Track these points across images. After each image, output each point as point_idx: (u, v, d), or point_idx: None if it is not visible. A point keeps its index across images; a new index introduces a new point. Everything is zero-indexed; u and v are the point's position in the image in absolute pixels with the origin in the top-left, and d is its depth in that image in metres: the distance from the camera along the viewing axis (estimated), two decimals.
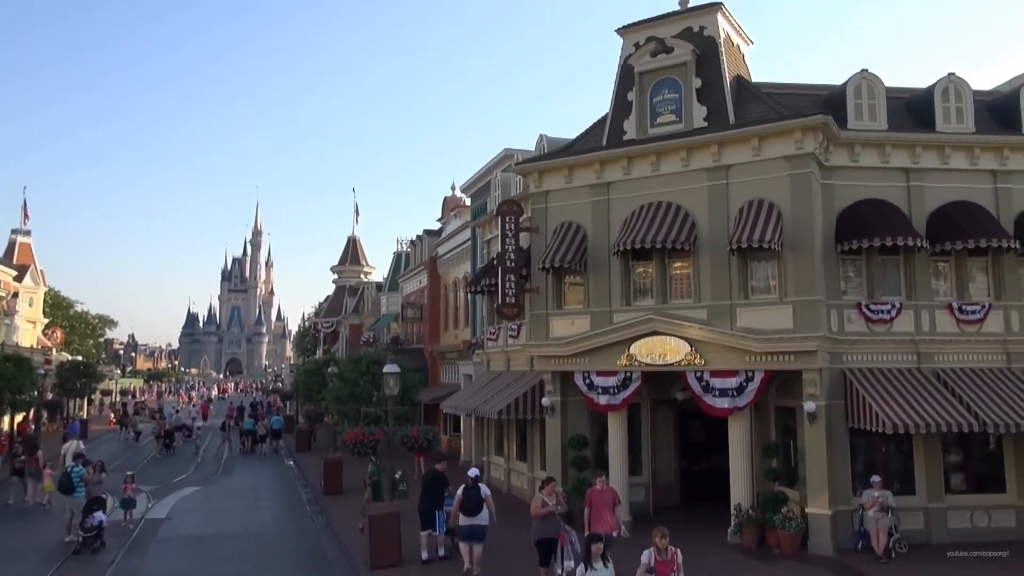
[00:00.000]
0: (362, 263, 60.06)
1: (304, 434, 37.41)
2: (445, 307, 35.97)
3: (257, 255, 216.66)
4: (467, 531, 14.00)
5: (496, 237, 25.32)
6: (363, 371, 19.35)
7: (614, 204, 18.38)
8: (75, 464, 17.77)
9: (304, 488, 26.30)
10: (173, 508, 22.23)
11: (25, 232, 54.68)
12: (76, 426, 33.00)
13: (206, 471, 30.87)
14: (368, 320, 50.40)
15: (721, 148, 16.97)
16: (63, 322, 64.61)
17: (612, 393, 17.71)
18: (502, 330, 24.23)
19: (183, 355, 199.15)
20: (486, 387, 23.57)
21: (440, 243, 36.90)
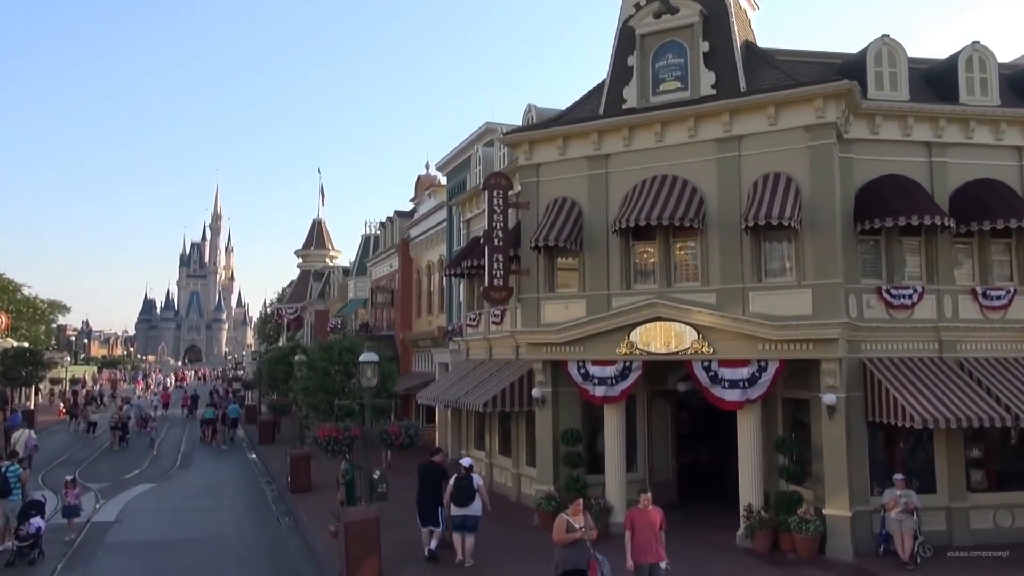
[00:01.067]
0: (328, 247, 57.84)
1: (267, 425, 35.49)
2: (418, 292, 34.25)
3: (217, 240, 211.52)
4: (459, 521, 13.89)
5: (477, 216, 23.75)
6: (334, 359, 17.60)
7: (613, 178, 16.86)
8: (10, 462, 15.78)
9: (269, 485, 24.50)
10: (123, 509, 20.30)
11: None
12: (18, 417, 30.53)
13: (162, 465, 28.85)
14: (335, 306, 48.39)
15: (733, 117, 15.54)
16: (8, 306, 61.26)
17: (610, 384, 16.27)
18: (483, 316, 22.64)
19: (140, 342, 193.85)
20: (466, 377, 21.99)
21: (412, 225, 35.11)
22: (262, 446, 34.13)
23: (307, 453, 22.51)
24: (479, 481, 14.52)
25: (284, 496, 21.85)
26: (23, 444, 24.79)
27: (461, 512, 13.90)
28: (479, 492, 14.12)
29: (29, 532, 15.00)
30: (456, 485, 13.99)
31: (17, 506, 15.53)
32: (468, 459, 15.62)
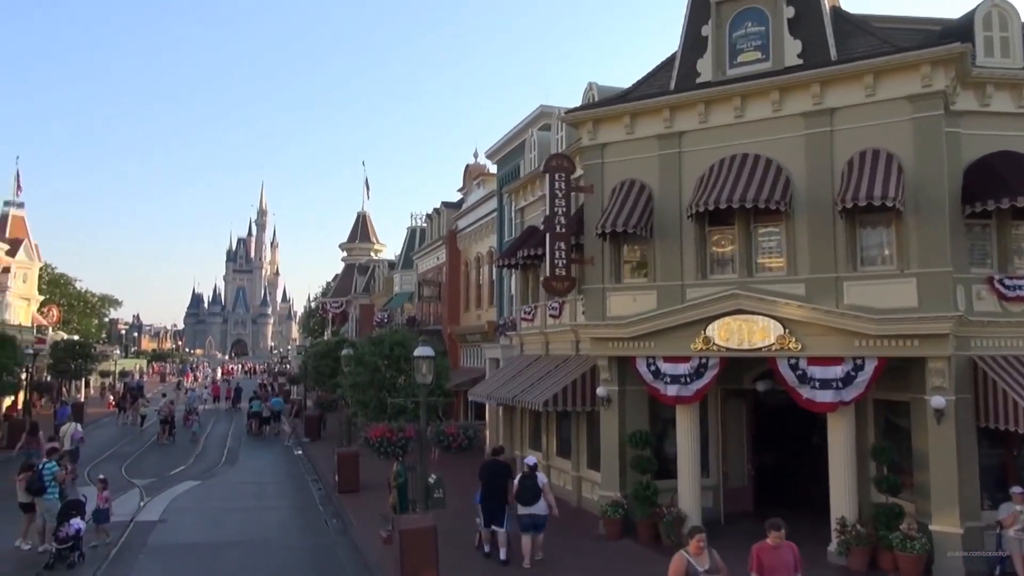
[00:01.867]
0: (372, 240, 57.16)
1: (313, 421, 34.85)
2: (466, 285, 33.18)
3: (262, 235, 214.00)
4: (527, 521, 13.55)
5: (532, 203, 22.52)
6: (384, 354, 16.56)
7: (687, 158, 15.48)
8: (47, 460, 15.05)
9: (315, 483, 23.65)
10: (167, 508, 19.57)
11: (18, 204, 51.94)
12: (67, 410, 30.26)
13: (207, 461, 28.27)
14: (380, 300, 47.64)
15: (824, 88, 14.03)
16: (61, 300, 62.10)
17: (683, 383, 14.91)
18: (539, 309, 21.40)
19: (188, 336, 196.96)
20: (521, 374, 20.76)
21: (460, 216, 34.02)
22: (308, 441, 33.48)
23: (355, 452, 21.56)
24: (544, 480, 14.13)
25: (331, 496, 20.94)
26: (69, 437, 24.80)
27: (527, 511, 13.49)
28: (544, 491, 13.71)
29: (68, 534, 14.23)
30: (521, 484, 13.62)
31: (53, 505, 14.78)
32: (532, 458, 15.08)
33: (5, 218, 51.28)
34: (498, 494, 13.98)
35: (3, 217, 51.41)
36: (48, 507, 14.78)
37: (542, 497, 13.57)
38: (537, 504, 13.48)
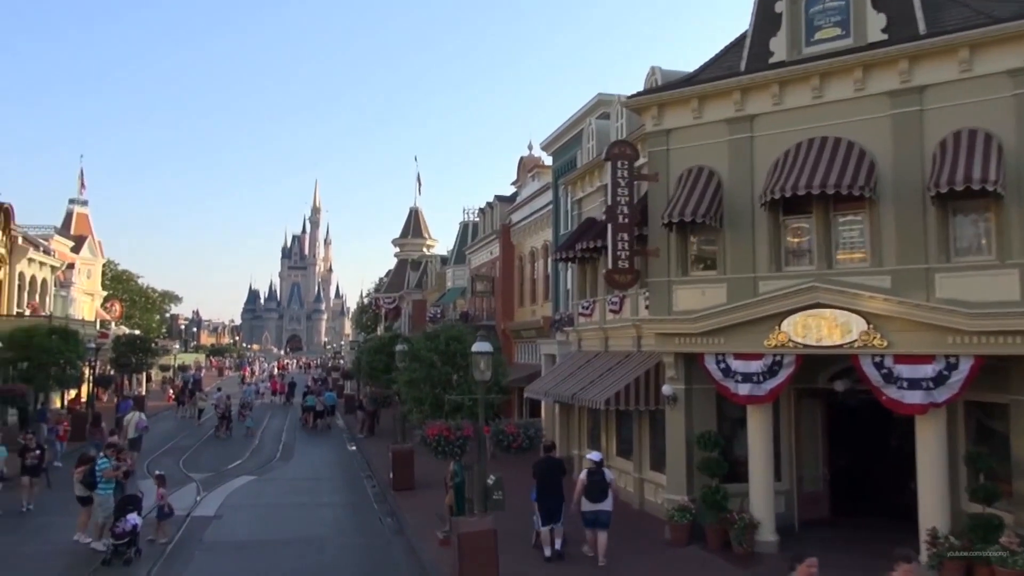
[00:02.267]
0: (425, 235, 57.02)
1: (367, 417, 34.75)
2: (520, 279, 32.59)
3: (316, 232, 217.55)
4: (592, 517, 13.34)
5: (590, 194, 21.78)
6: (440, 349, 16.06)
7: (760, 143, 14.56)
8: (101, 455, 14.97)
9: (369, 480, 23.37)
10: (223, 504, 19.46)
11: (82, 202, 53.25)
12: (128, 404, 30.67)
13: (263, 456, 28.31)
14: (432, 295, 47.41)
15: (913, 65, 12.97)
16: (124, 296, 63.60)
17: (756, 381, 14.01)
18: (598, 304, 20.67)
19: (245, 331, 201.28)
20: (580, 370, 20.07)
21: (514, 209, 33.43)
22: (361, 437, 33.38)
23: (409, 449, 21.18)
24: (611, 476, 14.04)
25: (386, 494, 20.59)
26: (134, 425, 25.34)
27: (594, 508, 13.26)
28: (611, 487, 13.59)
29: (125, 529, 14.08)
30: (589, 480, 13.35)
31: (104, 500, 14.67)
32: (597, 453, 14.69)
33: (70, 216, 52.63)
34: (555, 491, 13.75)
35: (68, 215, 52.78)
36: (99, 502, 14.69)
37: (610, 493, 13.41)
38: (605, 501, 13.29)
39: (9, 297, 35.53)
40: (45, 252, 41.29)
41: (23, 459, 17.69)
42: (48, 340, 27.23)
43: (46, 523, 16.74)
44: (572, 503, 13.54)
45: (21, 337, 27.26)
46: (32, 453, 17.64)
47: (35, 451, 17.73)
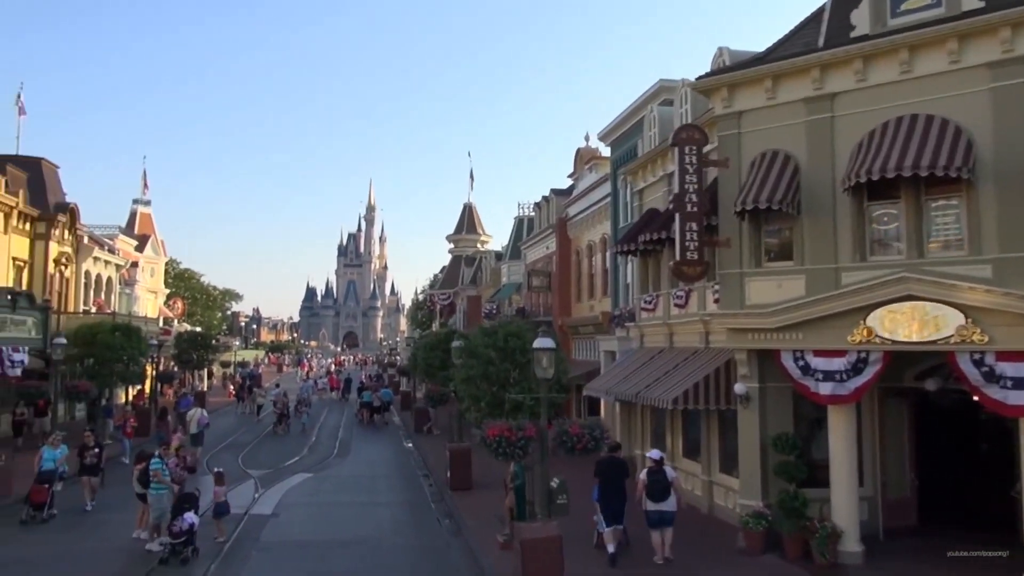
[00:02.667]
0: (479, 231, 56.66)
1: (423, 413, 34.48)
2: (577, 274, 31.83)
3: (371, 230, 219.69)
4: (656, 518, 13.09)
5: (652, 185, 20.92)
6: (498, 346, 15.42)
7: (841, 123, 13.54)
8: (157, 455, 14.81)
9: (426, 479, 22.97)
10: (280, 502, 19.24)
11: (145, 202, 54.44)
12: (189, 400, 31.01)
13: (320, 453, 28.21)
14: (487, 291, 46.98)
15: (1016, 33, 11.82)
16: (186, 293, 64.96)
17: (839, 380, 13.03)
18: (662, 298, 19.81)
19: (303, 328, 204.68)
20: (643, 368, 19.26)
21: (571, 202, 32.68)
22: (417, 435, 33.12)
23: (466, 448, 20.69)
24: (673, 474, 13.73)
25: (443, 493, 20.12)
26: (196, 421, 25.91)
27: (658, 508, 13.00)
28: (675, 485, 13.32)
29: (182, 528, 13.88)
30: (651, 479, 13.08)
31: (157, 499, 14.44)
32: (657, 451, 14.30)
33: (134, 216, 53.87)
34: (618, 491, 13.43)
35: (132, 215, 54.03)
36: (152, 501, 14.49)
37: (672, 492, 13.09)
38: (669, 500, 13.01)
39: (76, 295, 36.33)
40: (110, 251, 42.21)
41: (82, 458, 17.47)
42: (111, 337, 27.61)
43: (105, 520, 16.68)
44: (635, 503, 13.24)
45: (86, 334, 27.71)
46: (91, 452, 17.40)
47: (94, 449, 17.49)
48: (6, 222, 29.68)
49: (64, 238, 34.26)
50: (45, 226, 32.50)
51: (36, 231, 32.30)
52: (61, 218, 33.24)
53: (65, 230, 34.22)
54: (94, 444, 17.58)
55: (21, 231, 31.25)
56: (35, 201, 32.64)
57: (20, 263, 31.30)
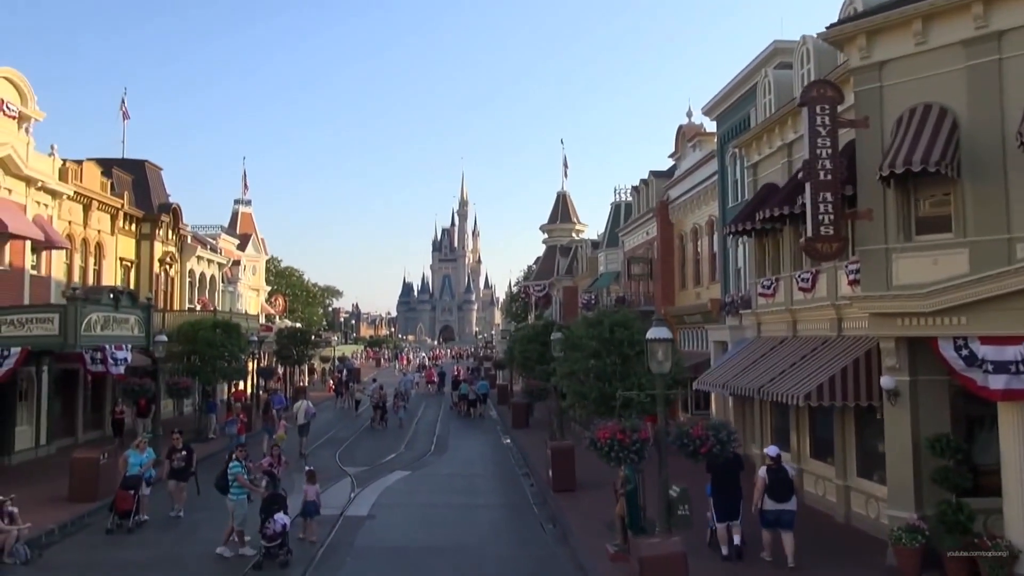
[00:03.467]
0: (573, 220, 55.14)
1: (521, 408, 33.41)
2: (681, 260, 29.94)
3: (464, 225, 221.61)
4: (773, 518, 12.29)
5: (769, 156, 18.98)
6: (604, 337, 14.05)
7: (1011, 67, 11.41)
8: (236, 460, 14.09)
9: (526, 478, 21.82)
10: (376, 503, 18.47)
11: (246, 202, 55.64)
12: (280, 398, 30.62)
13: (417, 449, 27.54)
14: (583, 281, 45.48)
15: None
16: (285, 290, 66.38)
17: (1014, 372, 10.97)
18: (783, 282, 17.89)
19: (400, 323, 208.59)
20: (763, 359, 17.43)
21: (672, 184, 30.79)
22: (516, 430, 32.08)
23: (569, 446, 19.39)
24: (792, 471, 13.24)
25: (546, 495, 18.88)
26: (303, 412, 26.39)
27: (777, 507, 12.16)
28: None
29: (276, 530, 13.19)
30: (773, 477, 12.27)
31: (237, 505, 13.71)
32: (774, 448, 13.43)
33: (235, 216, 55.17)
34: (732, 487, 12.79)
35: (234, 215, 55.35)
36: (232, 507, 13.71)
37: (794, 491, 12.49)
38: (791, 500, 12.27)
39: (181, 293, 37.14)
40: (212, 250, 43.12)
41: (170, 461, 16.33)
42: (212, 334, 27.75)
43: (197, 524, 15.86)
44: (752, 503, 12.52)
45: (188, 331, 27.97)
46: (179, 454, 16.22)
47: (181, 452, 16.26)
48: (113, 223, 30.38)
49: (168, 238, 34.98)
50: (150, 226, 33.20)
51: (141, 232, 33.04)
52: (164, 218, 33.90)
53: (169, 230, 34.93)
54: (182, 447, 16.40)
55: (127, 232, 32.00)
56: (140, 202, 33.41)
57: (127, 263, 32.08)
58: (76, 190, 26.83)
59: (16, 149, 22.61)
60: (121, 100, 35.39)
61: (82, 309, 19.67)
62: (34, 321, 19.33)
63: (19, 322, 19.11)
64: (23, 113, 23.23)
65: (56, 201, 25.81)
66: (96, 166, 29.33)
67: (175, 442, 16.49)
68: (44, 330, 19.34)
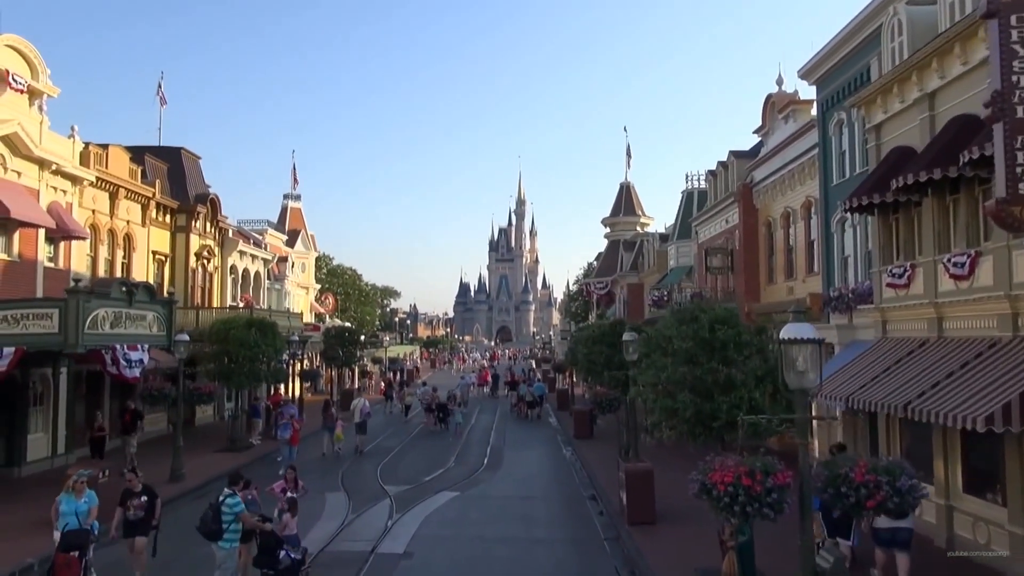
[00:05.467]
0: (638, 212, 51.41)
1: (584, 416, 30.08)
2: (769, 250, 26.25)
3: (521, 224, 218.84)
4: (888, 536, 10.71)
5: (898, 114, 15.32)
6: (702, 338, 10.71)
7: None
8: (231, 491, 10.48)
9: (593, 503, 18.53)
10: (416, 534, 15.42)
11: (295, 197, 53.67)
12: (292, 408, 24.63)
13: (468, 462, 24.49)
14: (650, 278, 41.87)
15: None
16: (338, 289, 64.35)
17: None
18: (921, 270, 14.20)
19: (457, 323, 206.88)
20: (900, 367, 13.76)
21: (757, 164, 27.09)
22: (578, 440, 28.78)
23: (647, 469, 16.00)
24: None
25: (619, 528, 15.56)
26: (359, 411, 26.70)
27: (892, 525, 10.40)
28: None
29: (284, 567, 10.31)
30: None
31: (228, 556, 10.31)
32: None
33: (284, 211, 53.25)
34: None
35: (283, 210, 53.44)
36: (222, 559, 10.29)
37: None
38: (907, 517, 9.72)
39: (221, 289, 34.97)
40: (257, 245, 41.02)
41: (124, 509, 11.47)
42: (245, 333, 25.23)
43: None
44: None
45: (220, 330, 25.54)
46: (137, 500, 11.43)
47: (140, 497, 11.48)
48: (144, 213, 28.25)
49: (206, 231, 32.81)
50: (185, 218, 31.04)
51: (176, 223, 30.89)
52: (201, 209, 31.70)
53: (206, 222, 32.75)
54: (142, 489, 11.58)
55: (161, 223, 29.87)
56: (175, 193, 31.31)
57: (161, 257, 29.94)
58: (99, 176, 24.67)
59: (25, 127, 20.41)
60: (158, 85, 33.39)
61: (85, 304, 17.19)
62: (31, 317, 16.91)
63: (13, 318, 16.71)
64: (33, 88, 21.04)
65: (76, 187, 23.65)
66: (124, 151, 27.18)
67: (131, 484, 11.69)
68: (42, 328, 16.91)
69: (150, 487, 11.86)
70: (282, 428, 22.72)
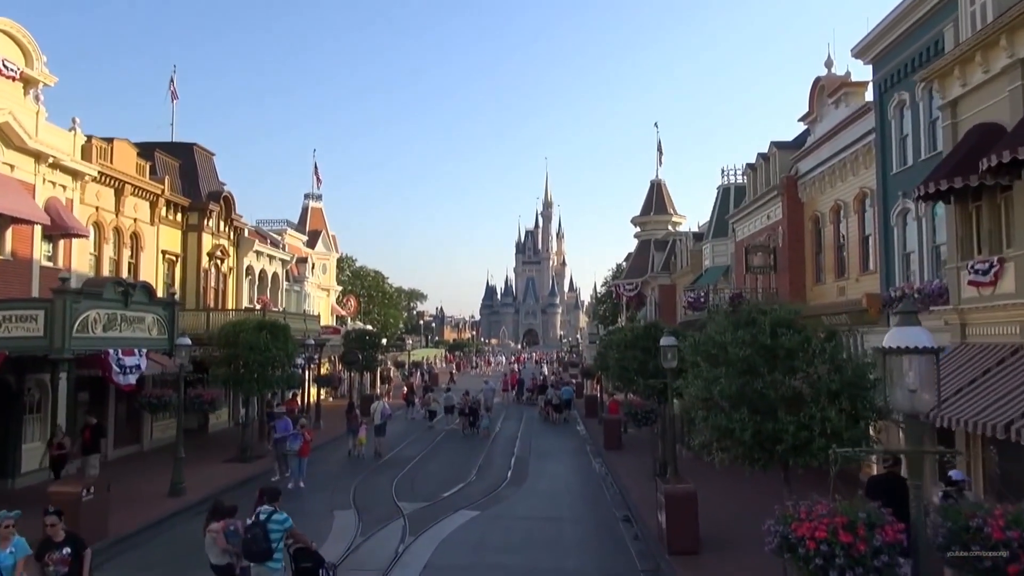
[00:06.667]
0: (669, 211, 49.30)
1: (613, 426, 28.29)
2: (816, 247, 24.26)
3: (548, 227, 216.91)
4: None
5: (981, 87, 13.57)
6: (762, 343, 8.93)
7: None
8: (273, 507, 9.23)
9: (627, 525, 16.73)
10: (430, 563, 13.72)
11: (316, 196, 52.44)
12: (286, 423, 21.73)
13: (491, 476, 22.80)
14: (683, 278, 39.82)
15: None
16: (361, 291, 63.07)
17: None
18: (1012, 265, 12.24)
19: (483, 326, 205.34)
20: (990, 378, 11.82)
21: (803, 155, 25.09)
22: (608, 452, 26.99)
23: (690, 492, 14.16)
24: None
25: (659, 559, 13.76)
26: (379, 413, 26.82)
27: None
28: None
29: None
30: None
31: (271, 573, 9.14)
32: (959, 472, 11.20)
33: (305, 211, 52.05)
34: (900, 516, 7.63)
35: (304, 210, 52.25)
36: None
37: None
38: None
39: (236, 291, 33.66)
40: (274, 245, 39.75)
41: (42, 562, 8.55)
42: (255, 336, 23.77)
43: None
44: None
45: (229, 333, 24.11)
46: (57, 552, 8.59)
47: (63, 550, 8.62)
48: (153, 211, 26.98)
49: (219, 230, 31.50)
50: (197, 216, 29.74)
51: (188, 222, 29.61)
52: (214, 207, 30.38)
53: (220, 221, 31.44)
54: (64, 538, 8.78)
55: (171, 222, 28.60)
56: (187, 190, 30.03)
57: (171, 257, 28.64)
58: (103, 171, 23.39)
59: (18, 117, 19.13)
60: (170, 79, 32.12)
61: (74, 304, 15.74)
62: (14, 319, 15.50)
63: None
64: (28, 75, 19.76)
65: (77, 183, 22.38)
66: (130, 146, 25.90)
67: (50, 531, 8.82)
68: (26, 331, 15.49)
69: (76, 535, 9.19)
70: (291, 439, 21.15)
